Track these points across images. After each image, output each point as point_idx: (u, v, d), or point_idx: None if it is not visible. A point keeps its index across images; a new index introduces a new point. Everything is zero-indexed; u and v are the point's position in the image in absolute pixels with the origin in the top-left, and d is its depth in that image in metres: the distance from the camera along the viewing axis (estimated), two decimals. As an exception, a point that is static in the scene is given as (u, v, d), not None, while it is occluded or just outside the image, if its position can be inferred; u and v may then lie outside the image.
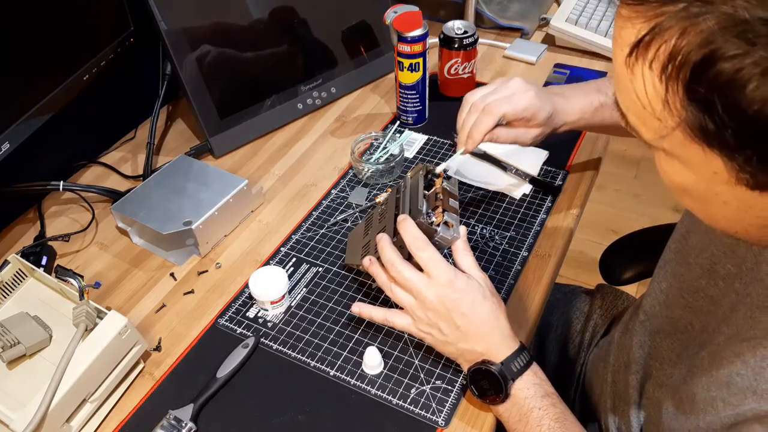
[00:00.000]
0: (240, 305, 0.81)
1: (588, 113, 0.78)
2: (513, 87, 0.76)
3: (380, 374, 0.71)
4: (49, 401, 0.62)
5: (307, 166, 1.03)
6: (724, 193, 0.40)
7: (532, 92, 0.75)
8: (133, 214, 0.87)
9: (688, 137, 0.37)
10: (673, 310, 0.68)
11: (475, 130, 0.74)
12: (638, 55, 0.37)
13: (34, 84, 0.84)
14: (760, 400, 0.47)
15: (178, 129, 1.14)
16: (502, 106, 0.74)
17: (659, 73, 0.36)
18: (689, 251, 0.66)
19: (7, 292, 0.78)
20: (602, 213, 2.14)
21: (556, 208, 0.91)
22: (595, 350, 0.91)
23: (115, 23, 0.97)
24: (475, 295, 0.65)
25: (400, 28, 0.97)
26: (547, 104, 0.76)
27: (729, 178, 0.38)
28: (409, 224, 0.67)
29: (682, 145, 0.38)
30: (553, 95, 0.79)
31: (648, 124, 0.40)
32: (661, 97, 0.37)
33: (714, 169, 0.38)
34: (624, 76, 0.39)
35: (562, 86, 0.82)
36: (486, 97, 0.76)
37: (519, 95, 0.75)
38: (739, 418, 0.49)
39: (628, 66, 0.38)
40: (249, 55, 1.05)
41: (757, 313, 0.51)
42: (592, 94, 0.79)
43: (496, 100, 0.75)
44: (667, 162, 0.42)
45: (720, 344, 0.55)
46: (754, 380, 0.48)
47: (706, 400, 0.53)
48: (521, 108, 0.74)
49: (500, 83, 0.77)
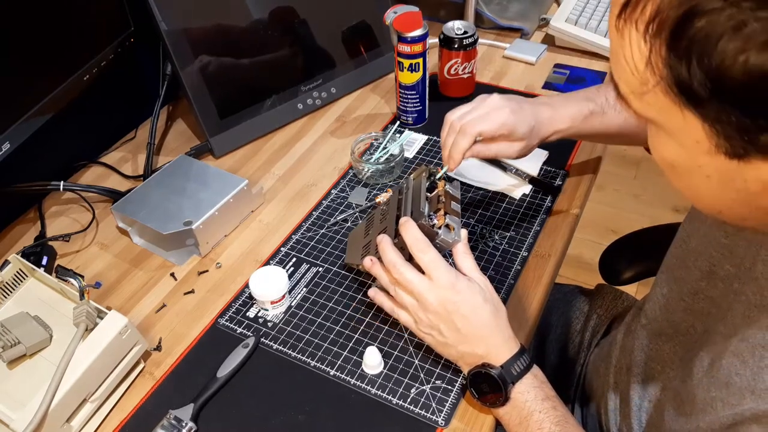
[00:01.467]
0: (240, 305, 0.81)
1: (578, 121, 0.78)
2: (489, 105, 0.76)
3: (380, 374, 0.72)
4: (49, 401, 0.62)
5: (307, 166, 1.03)
6: (706, 165, 0.41)
7: (508, 109, 0.75)
8: (134, 214, 0.87)
9: (668, 98, 0.38)
10: (674, 313, 0.68)
11: (454, 151, 0.75)
12: (627, 16, 0.38)
13: (34, 84, 0.84)
14: (758, 400, 0.47)
15: (178, 129, 1.14)
16: (477, 125, 0.74)
17: (644, 32, 0.37)
18: (689, 255, 0.66)
19: (8, 292, 0.78)
20: (602, 213, 2.14)
21: (556, 208, 0.91)
22: (596, 350, 0.91)
23: (115, 23, 0.97)
24: (475, 298, 0.65)
25: (400, 28, 0.97)
26: (526, 118, 0.76)
27: (710, 147, 0.39)
28: (411, 226, 0.67)
29: (665, 111, 0.39)
30: (538, 106, 0.79)
31: (636, 91, 0.41)
32: (645, 57, 0.38)
33: (695, 137, 0.39)
34: (615, 41, 0.40)
35: (552, 96, 0.82)
36: (463, 117, 0.76)
37: (494, 113, 0.75)
38: (737, 418, 0.49)
39: (618, 29, 0.39)
40: (249, 56, 1.05)
41: (755, 312, 0.51)
42: (582, 102, 0.79)
43: (472, 119, 0.75)
44: (657, 137, 0.43)
45: (719, 344, 0.55)
46: (752, 380, 0.48)
47: (705, 401, 0.53)
48: (496, 126, 0.74)
49: (479, 101, 0.78)
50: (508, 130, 0.75)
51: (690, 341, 0.65)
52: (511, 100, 0.77)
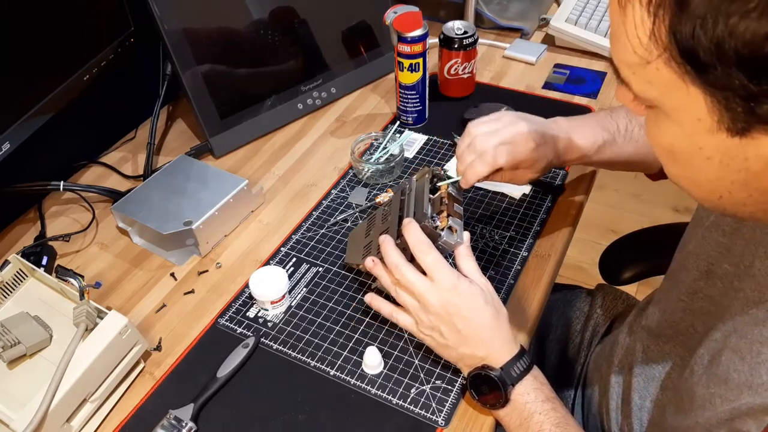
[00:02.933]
0: (240, 305, 0.81)
1: (591, 151, 0.76)
2: (515, 132, 0.72)
3: (380, 374, 0.72)
4: (49, 401, 0.62)
5: (307, 166, 1.03)
6: (707, 147, 0.41)
7: (534, 143, 0.72)
8: (134, 214, 0.87)
9: (672, 70, 0.38)
10: (674, 313, 0.69)
11: (470, 173, 0.72)
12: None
13: (34, 84, 0.84)
14: (754, 395, 0.48)
15: (178, 129, 1.14)
16: (500, 157, 0.71)
17: (647, 4, 0.38)
18: (688, 258, 0.66)
19: (8, 292, 0.78)
20: (602, 213, 2.14)
21: (556, 208, 0.91)
22: (598, 349, 0.91)
23: (115, 23, 0.97)
24: (477, 300, 0.65)
25: (400, 28, 0.97)
26: (547, 153, 0.73)
27: (711, 124, 0.39)
28: (414, 227, 0.67)
29: (668, 87, 0.39)
30: (556, 136, 0.75)
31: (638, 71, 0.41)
32: (648, 29, 0.38)
33: (697, 114, 0.39)
34: (617, 21, 0.40)
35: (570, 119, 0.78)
36: (487, 138, 0.72)
37: (520, 146, 0.72)
38: (734, 413, 0.49)
39: (621, 5, 0.39)
40: (249, 56, 1.05)
41: (754, 308, 0.51)
42: (597, 130, 0.77)
43: (496, 148, 0.71)
44: (656, 123, 0.44)
45: (718, 341, 0.55)
46: (749, 375, 0.49)
47: (705, 397, 0.53)
48: (519, 160, 0.72)
49: (505, 122, 0.74)
50: (528, 164, 0.73)
51: (690, 341, 0.66)
52: (537, 131, 0.73)
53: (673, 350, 0.69)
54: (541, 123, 0.76)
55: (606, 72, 1.17)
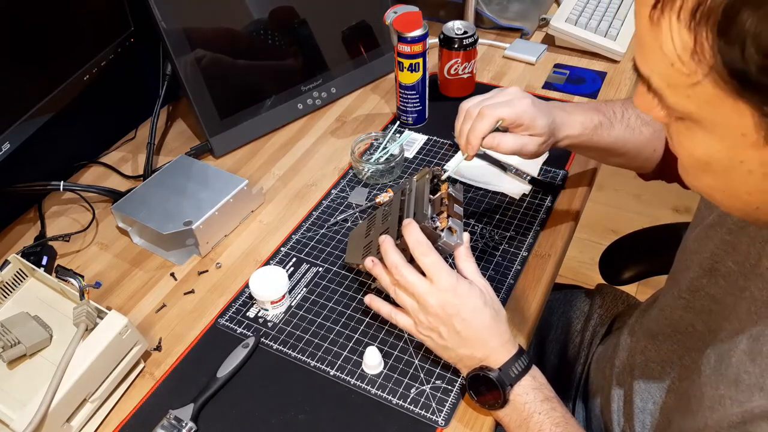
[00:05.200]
0: (240, 305, 0.81)
1: (588, 129, 0.76)
2: (510, 93, 0.74)
3: (380, 374, 0.72)
4: (49, 401, 0.62)
5: (307, 166, 1.03)
6: (750, 160, 0.39)
7: (529, 100, 0.72)
8: (134, 214, 0.87)
9: (719, 88, 0.36)
10: (673, 311, 0.68)
11: (472, 135, 0.71)
12: (664, 6, 0.36)
13: (34, 84, 0.84)
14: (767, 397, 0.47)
15: (178, 129, 1.14)
16: (498, 109, 0.71)
17: (688, 21, 0.35)
18: (690, 256, 0.66)
19: (8, 292, 0.78)
20: (602, 213, 2.14)
21: (556, 208, 0.91)
22: (599, 350, 0.91)
23: (115, 23, 0.97)
24: (476, 302, 0.65)
25: (400, 28, 0.97)
26: (545, 113, 0.73)
27: (757, 139, 0.37)
28: (414, 228, 0.67)
29: (710, 103, 0.37)
30: (552, 108, 0.76)
31: (674, 82, 0.39)
32: (690, 47, 0.36)
33: (742, 129, 0.37)
34: (648, 34, 0.38)
35: (561, 103, 0.79)
36: (481, 103, 0.73)
37: (516, 101, 0.72)
38: (746, 416, 0.49)
39: (653, 21, 0.37)
40: (249, 56, 1.05)
41: (763, 309, 0.51)
42: (592, 112, 0.77)
43: (492, 104, 0.72)
44: (687, 135, 0.42)
45: (725, 341, 0.55)
46: (760, 377, 0.48)
47: (714, 398, 0.53)
48: (518, 112, 0.70)
49: (497, 91, 0.75)
50: (529, 119, 0.71)
51: (689, 340, 0.65)
52: (529, 95, 0.74)
53: (670, 349, 0.69)
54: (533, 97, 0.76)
55: (606, 72, 1.17)
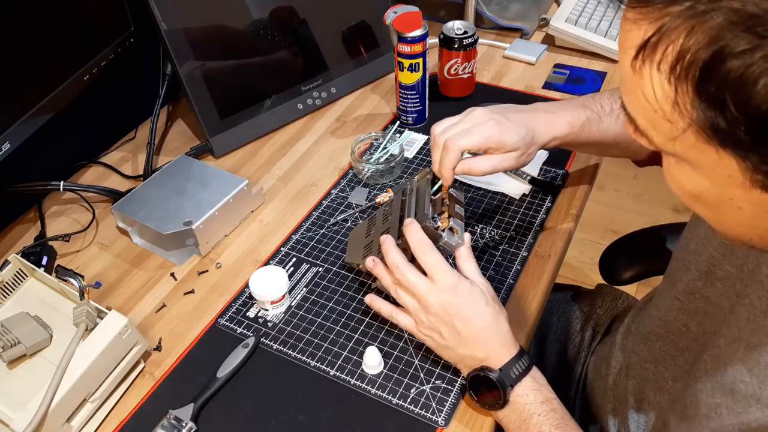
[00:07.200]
0: (240, 305, 0.81)
1: (576, 127, 0.75)
2: (473, 119, 0.72)
3: (380, 374, 0.72)
4: (49, 401, 0.62)
5: (307, 166, 1.03)
6: (739, 198, 0.39)
7: (492, 122, 0.71)
8: (134, 214, 0.87)
9: (700, 138, 0.36)
10: (668, 312, 0.68)
11: (443, 169, 0.70)
12: (645, 57, 0.37)
13: (34, 84, 0.84)
14: (764, 409, 0.47)
15: (178, 129, 1.14)
16: (460, 140, 0.69)
17: (668, 74, 0.36)
18: (688, 257, 0.66)
19: (8, 292, 0.78)
20: (602, 213, 2.14)
21: (556, 208, 0.91)
22: (598, 349, 0.91)
23: (115, 23, 0.97)
24: (477, 302, 0.65)
25: (400, 28, 0.97)
26: (513, 128, 0.71)
27: (743, 181, 0.37)
28: (415, 228, 0.67)
29: (695, 148, 0.37)
30: (533, 113, 0.74)
31: (658, 127, 0.39)
32: (671, 98, 0.36)
33: (728, 172, 0.37)
34: (631, 80, 0.39)
35: (549, 102, 0.78)
36: (445, 132, 0.72)
37: (478, 128, 0.70)
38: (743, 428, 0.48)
39: (635, 69, 0.38)
40: (249, 56, 1.05)
41: (761, 317, 0.51)
42: (579, 108, 0.76)
43: (454, 135, 0.70)
44: (677, 169, 0.41)
45: (722, 347, 0.54)
46: (758, 388, 0.48)
47: (710, 406, 0.53)
48: (481, 140, 0.70)
49: (464, 114, 0.73)
50: (495, 142, 0.70)
51: (682, 341, 0.65)
52: (496, 113, 0.72)
53: (662, 349, 0.69)
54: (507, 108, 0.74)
55: (606, 72, 1.17)
